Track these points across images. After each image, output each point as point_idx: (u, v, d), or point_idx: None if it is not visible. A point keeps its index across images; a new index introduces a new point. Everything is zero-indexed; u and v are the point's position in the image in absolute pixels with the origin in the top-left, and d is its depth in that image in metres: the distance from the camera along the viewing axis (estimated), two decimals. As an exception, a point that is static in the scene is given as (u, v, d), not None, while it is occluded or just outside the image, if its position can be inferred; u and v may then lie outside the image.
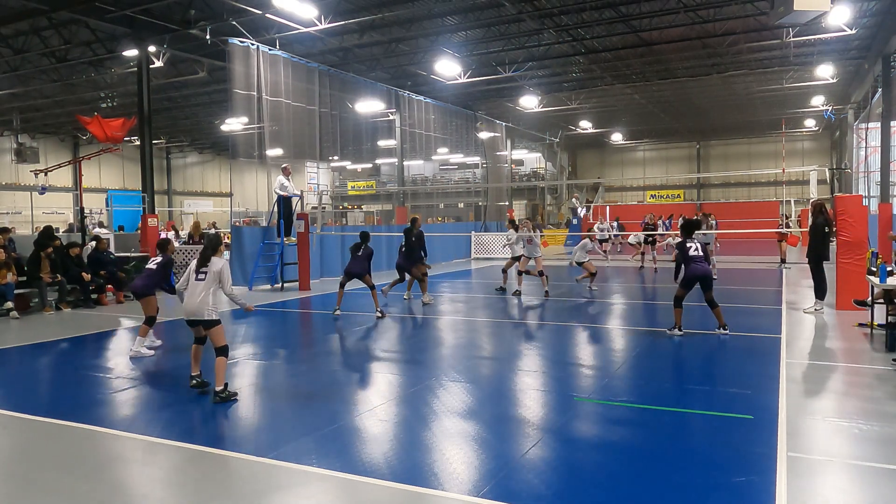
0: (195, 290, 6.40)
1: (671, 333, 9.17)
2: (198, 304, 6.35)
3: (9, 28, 19.10)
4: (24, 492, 4.38)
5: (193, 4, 17.54)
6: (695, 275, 9.05)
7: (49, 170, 17.11)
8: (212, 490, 4.36)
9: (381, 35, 21.15)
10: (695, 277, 9.06)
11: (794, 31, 20.09)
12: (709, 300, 9.21)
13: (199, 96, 28.92)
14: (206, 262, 6.46)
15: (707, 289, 9.15)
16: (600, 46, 22.69)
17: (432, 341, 9.66)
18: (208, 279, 6.40)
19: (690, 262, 9.11)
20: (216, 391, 6.24)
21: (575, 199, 38.17)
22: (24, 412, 6.06)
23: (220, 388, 6.25)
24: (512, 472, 4.51)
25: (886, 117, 23.07)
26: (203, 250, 6.54)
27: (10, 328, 10.85)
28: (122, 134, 16.49)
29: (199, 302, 6.34)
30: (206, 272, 6.43)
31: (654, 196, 49.44)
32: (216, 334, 6.39)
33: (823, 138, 44.31)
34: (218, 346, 6.36)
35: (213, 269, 6.43)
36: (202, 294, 6.35)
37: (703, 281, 9.11)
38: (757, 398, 6.14)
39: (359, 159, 35.49)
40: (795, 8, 12.54)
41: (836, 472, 4.49)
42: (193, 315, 6.42)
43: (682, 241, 9.34)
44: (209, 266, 6.45)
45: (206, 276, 6.41)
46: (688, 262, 9.13)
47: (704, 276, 9.10)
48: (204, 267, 6.45)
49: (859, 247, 10.85)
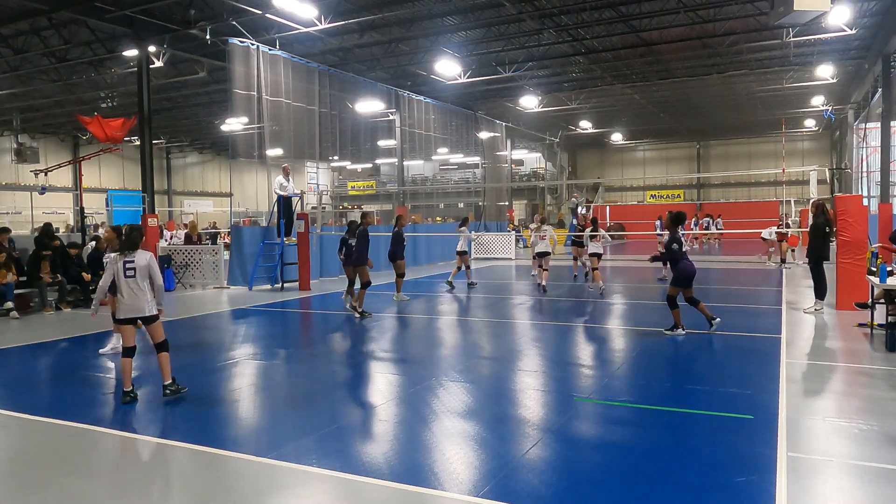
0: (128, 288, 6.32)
1: (673, 334, 9.14)
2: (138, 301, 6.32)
3: (9, 28, 19.09)
4: (25, 492, 4.38)
5: (193, 4, 17.53)
6: (690, 272, 9.03)
7: (49, 170, 17.12)
8: (212, 490, 4.36)
9: (381, 35, 21.15)
10: (691, 275, 9.04)
11: (794, 31, 20.09)
12: (689, 299, 9.23)
13: (199, 96, 28.91)
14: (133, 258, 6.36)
15: (689, 287, 9.18)
16: (600, 46, 22.69)
17: (432, 341, 9.66)
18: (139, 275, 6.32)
19: (682, 258, 9.07)
20: (164, 384, 6.36)
21: (575, 198, 38.17)
22: (24, 412, 6.06)
23: (168, 382, 6.37)
24: (512, 472, 4.51)
25: (886, 117, 23.07)
26: (122, 246, 6.44)
27: (10, 328, 10.85)
28: (122, 134, 16.49)
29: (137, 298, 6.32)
30: (134, 268, 6.33)
31: (654, 196, 49.43)
32: (156, 329, 6.41)
33: (823, 138, 44.30)
34: (158, 342, 6.42)
35: (139, 263, 6.34)
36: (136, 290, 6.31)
37: (692, 279, 9.11)
38: (757, 398, 6.14)
39: (359, 159, 35.48)
40: (795, 8, 12.53)
41: (836, 472, 4.49)
42: (134, 313, 6.35)
43: (672, 235, 9.19)
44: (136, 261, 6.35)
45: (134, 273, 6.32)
46: (680, 258, 9.07)
47: (694, 273, 9.09)
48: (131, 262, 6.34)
49: (859, 247, 10.85)
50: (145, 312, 6.33)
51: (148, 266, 6.34)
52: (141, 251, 6.41)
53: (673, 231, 9.27)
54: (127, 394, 6.28)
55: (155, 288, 6.40)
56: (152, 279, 6.37)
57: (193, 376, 7.55)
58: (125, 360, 6.37)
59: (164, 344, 6.42)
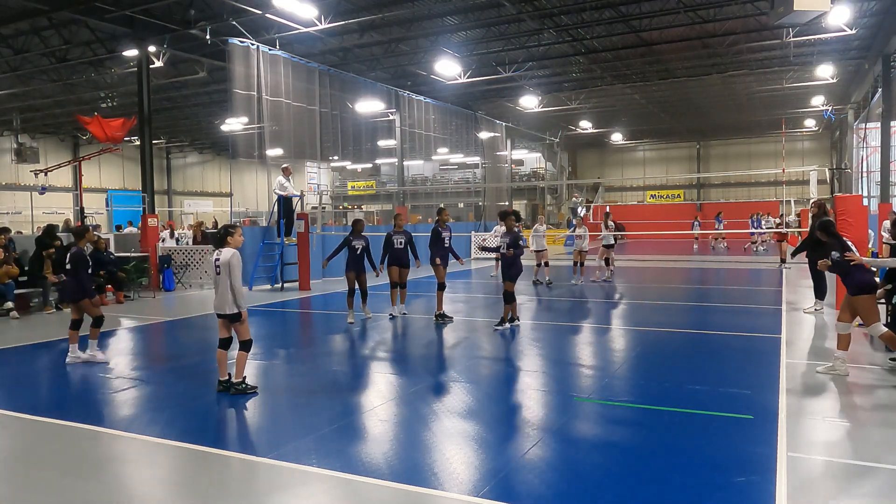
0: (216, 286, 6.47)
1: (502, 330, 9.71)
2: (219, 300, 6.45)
3: (9, 28, 19.09)
4: (25, 492, 4.38)
5: (193, 4, 17.54)
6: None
7: (49, 170, 17.12)
8: (212, 490, 4.36)
9: (381, 35, 21.15)
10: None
11: (794, 31, 20.08)
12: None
13: (199, 96, 28.91)
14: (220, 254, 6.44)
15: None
16: (600, 46, 22.69)
17: (432, 341, 9.65)
18: (223, 272, 6.36)
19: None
20: (233, 383, 6.46)
21: (575, 198, 38.17)
22: (24, 412, 6.05)
23: (237, 381, 6.45)
24: (512, 472, 4.51)
25: (886, 117, 23.06)
26: (215, 241, 6.55)
27: (10, 328, 10.85)
28: (122, 134, 16.50)
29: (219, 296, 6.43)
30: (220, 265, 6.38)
31: (654, 196, 49.43)
32: (238, 328, 6.48)
33: (823, 138, 44.29)
34: (241, 340, 6.51)
35: (222, 260, 6.37)
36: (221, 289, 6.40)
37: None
38: (757, 398, 6.14)
39: (359, 159, 35.44)
40: (795, 8, 12.53)
41: (836, 472, 4.49)
42: (217, 309, 6.49)
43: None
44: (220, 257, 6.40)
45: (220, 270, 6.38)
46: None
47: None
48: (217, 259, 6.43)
49: (859, 247, 10.84)
50: (226, 311, 6.37)
51: (228, 263, 6.29)
52: (227, 248, 6.38)
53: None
54: (220, 383, 6.51)
55: (232, 288, 6.32)
56: (230, 278, 6.31)
57: (193, 376, 7.57)
58: (219, 351, 6.53)
59: (245, 343, 6.47)
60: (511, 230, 9.93)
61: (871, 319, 6.68)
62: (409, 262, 11.11)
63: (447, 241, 10.96)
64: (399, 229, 11.01)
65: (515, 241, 9.74)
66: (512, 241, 9.71)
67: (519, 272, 9.86)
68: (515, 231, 9.97)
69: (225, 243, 6.41)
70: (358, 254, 10.59)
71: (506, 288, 9.82)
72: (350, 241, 10.61)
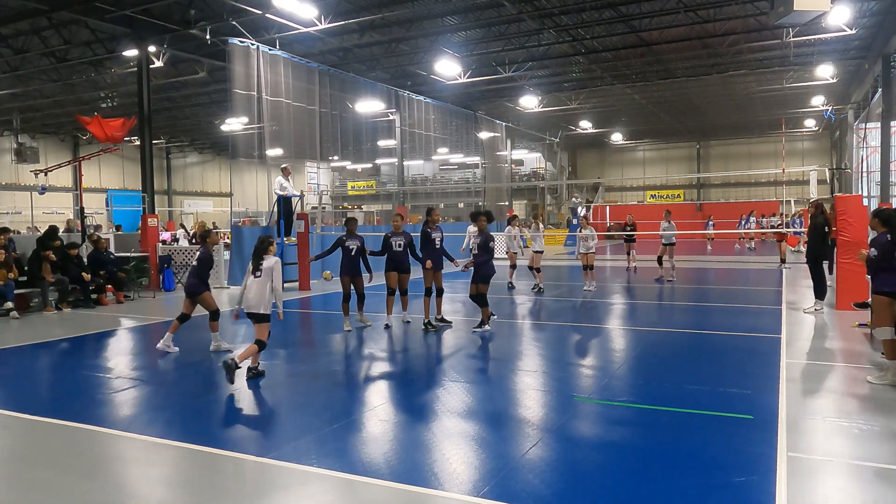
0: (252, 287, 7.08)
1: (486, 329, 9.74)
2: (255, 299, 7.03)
3: (9, 28, 19.10)
4: (25, 492, 4.38)
5: (193, 4, 17.54)
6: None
7: (49, 170, 17.09)
8: (212, 490, 4.36)
9: (381, 35, 21.15)
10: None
11: (794, 31, 20.09)
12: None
13: (199, 96, 28.92)
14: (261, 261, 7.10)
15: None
16: (600, 46, 22.70)
17: (431, 341, 9.65)
18: (264, 276, 7.02)
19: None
20: (249, 367, 7.04)
21: (575, 198, 38.16)
22: (24, 412, 6.05)
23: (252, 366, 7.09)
24: (512, 472, 4.51)
25: (886, 117, 23.08)
26: (256, 251, 7.20)
27: (10, 328, 10.84)
28: (122, 134, 16.47)
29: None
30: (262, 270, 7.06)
31: (654, 196, 49.42)
32: (260, 328, 7.07)
33: (823, 138, 44.30)
34: (257, 338, 7.06)
35: (266, 266, 7.06)
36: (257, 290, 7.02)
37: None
38: (757, 398, 6.14)
39: (359, 159, 35.48)
40: (795, 8, 12.54)
41: (836, 472, 4.49)
42: (248, 308, 7.08)
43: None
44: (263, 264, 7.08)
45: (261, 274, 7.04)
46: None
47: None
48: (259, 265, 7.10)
49: (859, 247, 10.83)
50: (260, 310, 7.00)
51: (272, 269, 7.03)
52: (270, 256, 7.15)
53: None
54: (251, 369, 7.05)
55: (274, 290, 7.03)
56: (273, 282, 7.00)
57: (193, 376, 7.57)
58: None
59: (260, 342, 6.99)
60: (483, 231, 9.75)
61: (882, 322, 6.68)
62: (410, 267, 10.31)
63: (438, 242, 10.18)
64: (398, 230, 10.17)
65: (486, 242, 9.62)
66: (482, 242, 9.60)
67: (491, 273, 9.73)
68: (488, 232, 9.79)
69: (267, 252, 7.17)
70: (352, 255, 10.00)
71: (479, 290, 9.66)
72: (343, 242, 10.00)
